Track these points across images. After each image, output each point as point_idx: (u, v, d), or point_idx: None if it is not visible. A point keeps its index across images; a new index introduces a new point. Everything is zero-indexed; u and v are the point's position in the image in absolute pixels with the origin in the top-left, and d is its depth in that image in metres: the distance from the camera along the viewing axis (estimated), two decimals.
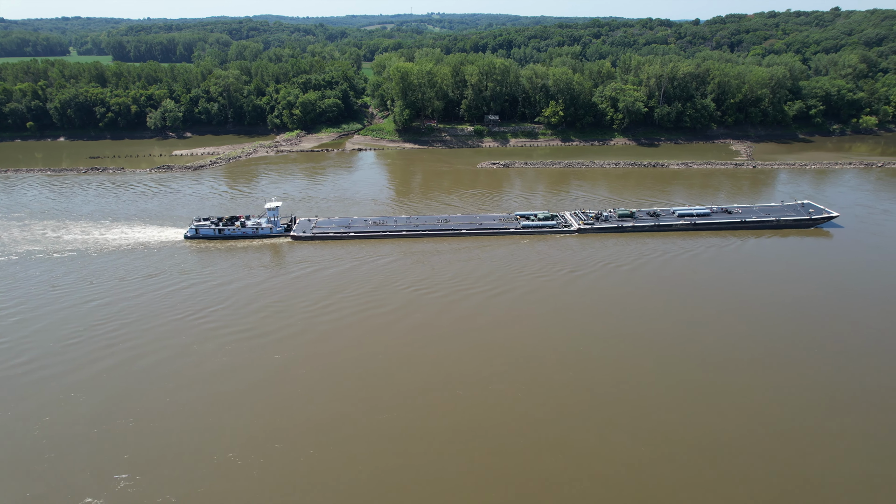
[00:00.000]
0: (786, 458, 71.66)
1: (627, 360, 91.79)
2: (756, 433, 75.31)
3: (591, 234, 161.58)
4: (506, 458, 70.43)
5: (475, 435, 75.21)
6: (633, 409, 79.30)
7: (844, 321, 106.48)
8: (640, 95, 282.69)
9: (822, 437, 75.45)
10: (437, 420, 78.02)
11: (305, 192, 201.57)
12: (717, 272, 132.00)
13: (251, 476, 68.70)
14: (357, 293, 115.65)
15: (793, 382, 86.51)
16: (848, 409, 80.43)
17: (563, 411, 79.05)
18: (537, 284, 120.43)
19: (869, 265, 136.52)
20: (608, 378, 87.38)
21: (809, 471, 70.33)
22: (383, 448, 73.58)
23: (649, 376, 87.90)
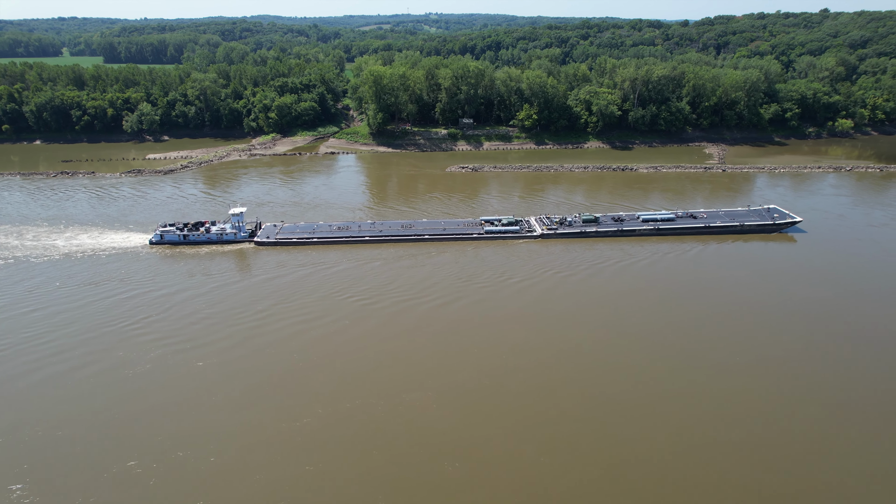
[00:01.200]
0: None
1: (563, 375, 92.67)
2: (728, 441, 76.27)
3: (554, 240, 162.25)
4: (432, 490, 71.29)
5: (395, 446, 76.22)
6: (573, 429, 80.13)
7: (782, 328, 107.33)
8: (614, 98, 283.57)
9: (794, 444, 76.45)
10: (345, 431, 79.06)
11: (274, 196, 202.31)
12: (670, 279, 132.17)
13: (146, 485, 69.97)
14: (302, 302, 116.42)
15: (752, 389, 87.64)
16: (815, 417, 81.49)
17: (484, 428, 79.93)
18: (484, 294, 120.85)
19: (813, 271, 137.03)
20: (537, 393, 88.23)
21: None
22: (295, 456, 74.77)
23: (583, 388, 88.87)
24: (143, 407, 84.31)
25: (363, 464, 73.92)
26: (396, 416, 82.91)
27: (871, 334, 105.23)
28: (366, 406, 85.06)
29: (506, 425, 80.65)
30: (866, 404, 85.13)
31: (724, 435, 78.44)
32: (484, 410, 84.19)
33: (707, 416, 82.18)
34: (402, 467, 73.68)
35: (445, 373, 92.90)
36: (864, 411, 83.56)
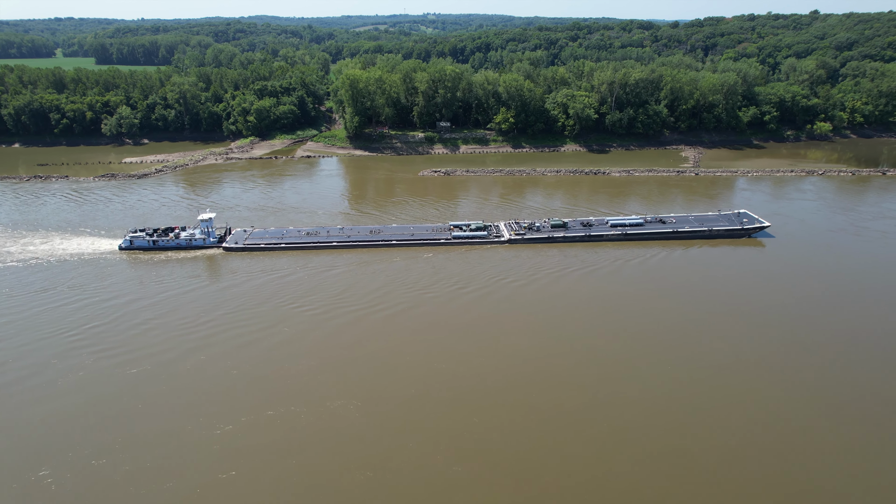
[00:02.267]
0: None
1: (501, 383, 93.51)
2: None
3: (522, 245, 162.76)
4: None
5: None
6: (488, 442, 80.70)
7: (737, 334, 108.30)
8: (591, 102, 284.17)
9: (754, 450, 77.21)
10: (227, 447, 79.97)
11: (245, 200, 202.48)
12: (628, 285, 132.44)
13: (53, 493, 71.02)
14: (252, 312, 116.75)
15: (701, 397, 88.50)
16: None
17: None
18: (435, 303, 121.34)
19: (770, 276, 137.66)
20: (466, 401, 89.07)
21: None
22: (209, 464, 75.77)
23: (522, 397, 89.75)
24: (63, 416, 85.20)
25: (278, 470, 74.87)
26: (318, 423, 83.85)
27: (822, 339, 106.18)
28: (289, 414, 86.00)
29: (420, 437, 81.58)
30: (832, 405, 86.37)
31: (674, 441, 79.35)
32: (404, 420, 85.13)
33: (657, 423, 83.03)
34: (317, 475, 74.64)
35: (372, 382, 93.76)
36: (833, 411, 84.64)
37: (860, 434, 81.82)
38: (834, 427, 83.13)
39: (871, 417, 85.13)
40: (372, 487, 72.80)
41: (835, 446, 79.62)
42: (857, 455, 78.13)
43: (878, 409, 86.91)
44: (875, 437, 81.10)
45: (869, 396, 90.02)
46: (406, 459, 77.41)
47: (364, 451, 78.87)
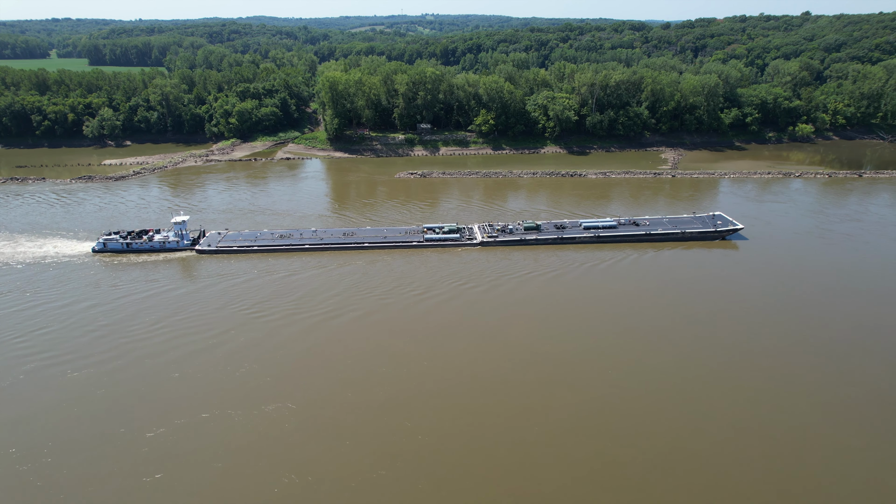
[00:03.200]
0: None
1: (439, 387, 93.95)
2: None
3: (494, 248, 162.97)
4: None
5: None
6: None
7: (702, 340, 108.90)
8: (571, 104, 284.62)
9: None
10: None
11: (221, 203, 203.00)
12: (593, 289, 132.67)
13: None
14: (200, 315, 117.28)
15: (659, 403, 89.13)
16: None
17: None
18: (379, 306, 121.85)
19: (731, 281, 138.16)
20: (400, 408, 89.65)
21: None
22: (139, 468, 76.42)
23: (454, 401, 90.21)
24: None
25: (202, 472, 75.65)
26: (251, 426, 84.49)
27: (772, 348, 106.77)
28: (223, 416, 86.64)
29: (350, 442, 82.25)
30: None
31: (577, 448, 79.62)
32: (337, 424, 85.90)
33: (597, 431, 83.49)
34: (238, 479, 75.26)
35: (313, 387, 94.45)
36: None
37: (841, 432, 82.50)
38: (816, 425, 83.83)
39: (860, 415, 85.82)
40: (293, 493, 73.34)
41: (822, 445, 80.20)
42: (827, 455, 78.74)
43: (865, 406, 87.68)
44: (852, 434, 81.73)
45: (841, 394, 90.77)
46: (335, 462, 78.01)
47: (290, 454, 79.41)
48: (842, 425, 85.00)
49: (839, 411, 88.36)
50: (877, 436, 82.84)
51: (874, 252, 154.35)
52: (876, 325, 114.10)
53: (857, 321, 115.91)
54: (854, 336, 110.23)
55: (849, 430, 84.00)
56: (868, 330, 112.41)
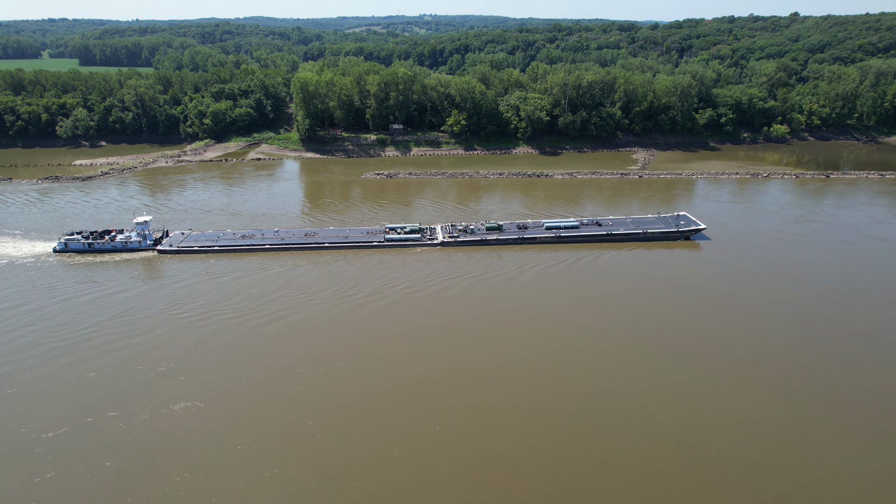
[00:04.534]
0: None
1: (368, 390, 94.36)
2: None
3: (454, 248, 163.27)
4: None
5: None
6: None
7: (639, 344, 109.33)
8: (543, 104, 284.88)
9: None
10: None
11: (189, 203, 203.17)
12: (535, 291, 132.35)
13: None
14: (134, 318, 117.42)
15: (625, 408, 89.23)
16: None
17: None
18: (316, 310, 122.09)
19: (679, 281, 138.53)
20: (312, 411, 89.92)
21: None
22: (27, 468, 76.79)
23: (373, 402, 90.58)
24: None
25: (94, 470, 76.22)
26: (156, 424, 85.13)
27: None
28: (131, 415, 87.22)
29: (246, 438, 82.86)
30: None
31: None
32: (242, 423, 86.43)
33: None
34: (133, 477, 75.90)
35: (220, 384, 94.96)
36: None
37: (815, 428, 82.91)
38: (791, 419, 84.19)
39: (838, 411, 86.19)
40: (181, 490, 73.89)
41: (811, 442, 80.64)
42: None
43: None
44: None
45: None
46: (232, 461, 78.62)
47: (188, 452, 79.97)
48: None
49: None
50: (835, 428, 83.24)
51: (819, 251, 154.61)
52: (809, 323, 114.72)
53: (791, 321, 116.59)
54: (790, 335, 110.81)
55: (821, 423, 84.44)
56: (804, 329, 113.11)
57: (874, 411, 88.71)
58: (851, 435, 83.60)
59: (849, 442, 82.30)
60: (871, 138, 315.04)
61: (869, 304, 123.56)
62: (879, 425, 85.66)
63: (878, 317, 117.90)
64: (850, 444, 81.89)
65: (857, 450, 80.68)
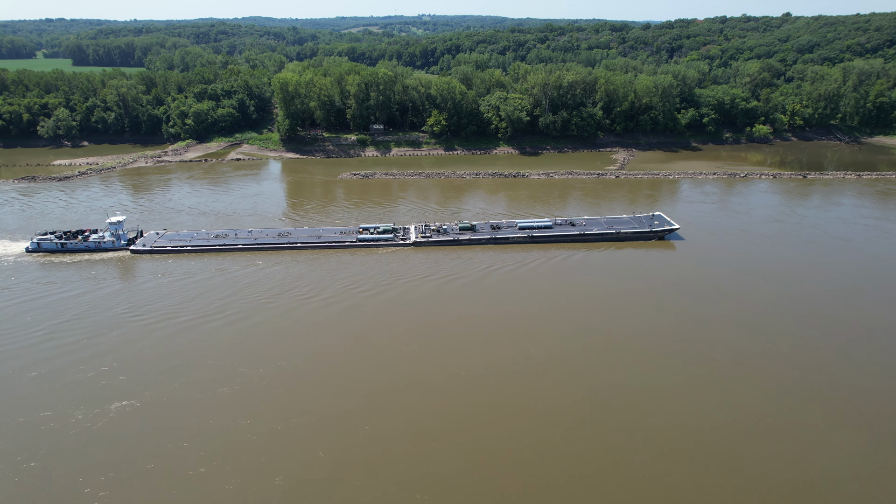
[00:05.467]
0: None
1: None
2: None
3: (427, 248, 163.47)
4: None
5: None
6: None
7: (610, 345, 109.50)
8: (524, 104, 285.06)
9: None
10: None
11: (166, 203, 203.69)
12: (494, 292, 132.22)
13: None
14: (93, 320, 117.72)
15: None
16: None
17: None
18: (271, 312, 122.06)
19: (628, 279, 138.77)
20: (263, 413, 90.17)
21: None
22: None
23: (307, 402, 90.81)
24: None
25: (19, 474, 76.72)
26: (88, 424, 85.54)
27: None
28: (64, 415, 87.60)
29: (176, 438, 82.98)
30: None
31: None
32: (178, 423, 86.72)
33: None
34: (56, 481, 76.21)
35: (160, 383, 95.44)
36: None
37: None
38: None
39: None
40: (103, 490, 74.26)
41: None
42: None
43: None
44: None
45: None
46: (152, 459, 78.95)
47: (113, 452, 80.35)
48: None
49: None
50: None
51: (783, 252, 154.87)
52: (775, 325, 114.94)
53: (754, 321, 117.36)
54: (749, 335, 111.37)
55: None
56: (765, 331, 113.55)
57: (844, 409, 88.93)
58: (838, 433, 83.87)
59: (838, 440, 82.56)
60: (853, 139, 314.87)
61: (821, 306, 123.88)
62: (846, 421, 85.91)
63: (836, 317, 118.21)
64: (840, 442, 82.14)
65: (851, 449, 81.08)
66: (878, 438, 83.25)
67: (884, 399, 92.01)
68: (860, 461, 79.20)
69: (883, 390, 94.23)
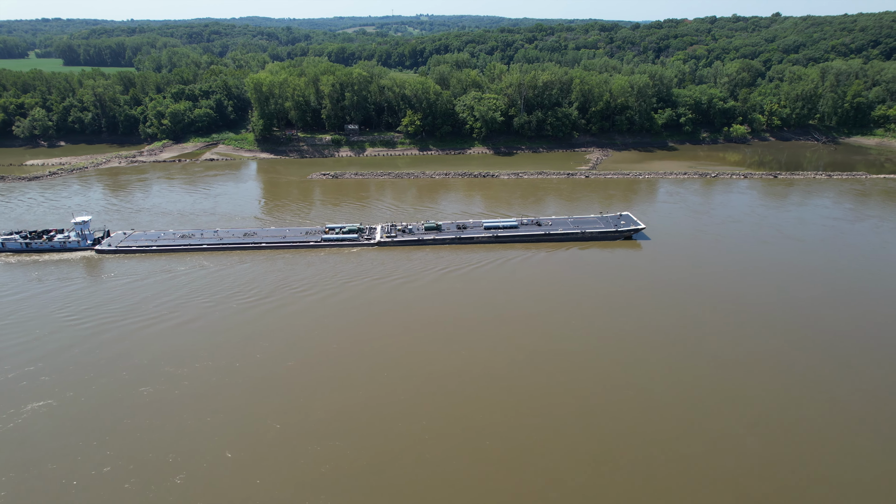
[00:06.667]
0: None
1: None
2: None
3: (391, 248, 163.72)
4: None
5: None
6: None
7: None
8: (498, 104, 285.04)
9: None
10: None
11: (137, 203, 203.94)
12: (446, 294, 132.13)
13: None
14: (22, 321, 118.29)
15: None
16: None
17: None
18: (208, 311, 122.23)
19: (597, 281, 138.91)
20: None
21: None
22: None
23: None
24: None
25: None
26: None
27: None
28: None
29: (109, 438, 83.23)
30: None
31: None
32: (87, 421, 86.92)
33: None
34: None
35: (82, 383, 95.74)
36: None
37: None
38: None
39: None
40: (2, 490, 74.47)
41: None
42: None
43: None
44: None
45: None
46: (60, 458, 79.15)
47: (18, 452, 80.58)
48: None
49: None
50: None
51: (735, 251, 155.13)
52: (715, 324, 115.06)
53: (699, 319, 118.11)
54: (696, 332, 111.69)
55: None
56: (714, 329, 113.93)
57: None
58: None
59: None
60: (831, 139, 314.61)
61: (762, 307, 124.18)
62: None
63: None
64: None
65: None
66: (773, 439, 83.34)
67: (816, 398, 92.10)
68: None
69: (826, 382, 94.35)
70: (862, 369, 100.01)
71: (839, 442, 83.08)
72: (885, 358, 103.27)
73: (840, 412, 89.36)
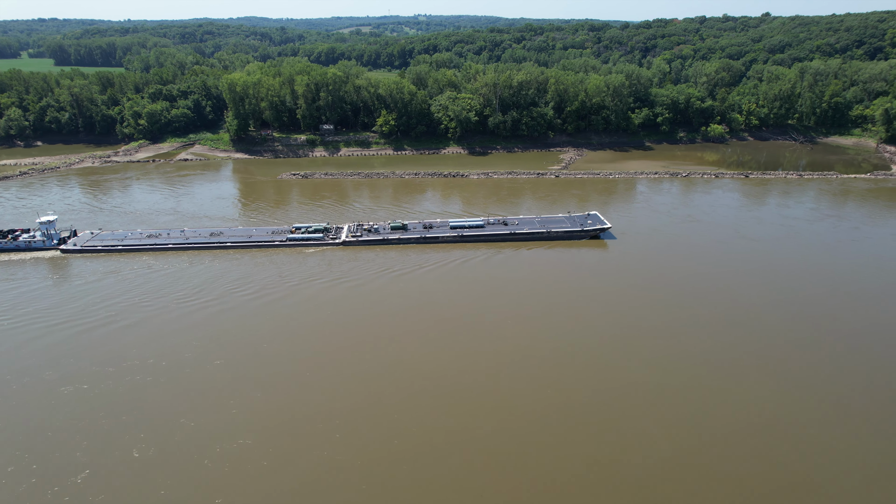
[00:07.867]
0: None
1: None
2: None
3: (355, 247, 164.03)
4: None
5: None
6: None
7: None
8: (473, 104, 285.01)
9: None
10: None
11: (100, 203, 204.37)
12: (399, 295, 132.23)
13: None
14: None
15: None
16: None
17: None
18: (149, 313, 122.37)
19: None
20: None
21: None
22: None
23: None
24: None
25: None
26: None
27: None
28: None
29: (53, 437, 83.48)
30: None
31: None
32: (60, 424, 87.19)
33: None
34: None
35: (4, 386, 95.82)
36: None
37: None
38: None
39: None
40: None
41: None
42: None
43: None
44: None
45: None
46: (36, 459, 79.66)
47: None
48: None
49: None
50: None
51: (691, 251, 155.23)
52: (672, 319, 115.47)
53: (648, 317, 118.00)
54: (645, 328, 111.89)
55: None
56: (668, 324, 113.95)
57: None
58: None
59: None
60: (808, 138, 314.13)
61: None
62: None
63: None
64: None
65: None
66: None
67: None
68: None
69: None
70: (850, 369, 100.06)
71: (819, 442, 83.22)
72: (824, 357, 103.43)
73: (839, 410, 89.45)
